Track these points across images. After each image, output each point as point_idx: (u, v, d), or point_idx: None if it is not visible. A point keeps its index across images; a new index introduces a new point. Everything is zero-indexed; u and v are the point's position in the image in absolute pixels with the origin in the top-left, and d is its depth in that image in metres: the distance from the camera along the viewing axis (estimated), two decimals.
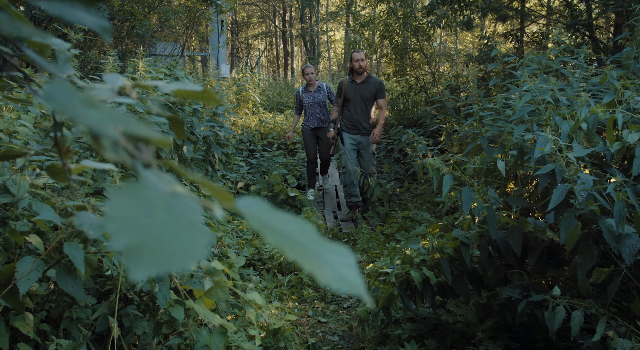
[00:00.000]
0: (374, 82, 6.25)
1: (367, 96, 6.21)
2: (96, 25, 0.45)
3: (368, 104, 6.26)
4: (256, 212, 0.36)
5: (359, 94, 6.20)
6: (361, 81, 6.24)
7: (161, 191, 0.33)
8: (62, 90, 0.34)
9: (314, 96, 6.96)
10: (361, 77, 6.26)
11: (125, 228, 0.28)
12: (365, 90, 6.21)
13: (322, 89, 7.02)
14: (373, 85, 6.22)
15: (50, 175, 0.86)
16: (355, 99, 6.22)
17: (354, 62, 6.20)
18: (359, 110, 6.23)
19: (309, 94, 6.98)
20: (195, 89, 0.67)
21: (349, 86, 6.29)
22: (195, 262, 0.30)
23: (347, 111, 6.33)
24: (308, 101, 6.95)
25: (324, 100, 6.98)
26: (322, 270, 0.35)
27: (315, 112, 6.97)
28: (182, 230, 0.31)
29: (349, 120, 6.30)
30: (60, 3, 0.42)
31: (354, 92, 6.23)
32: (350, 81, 6.31)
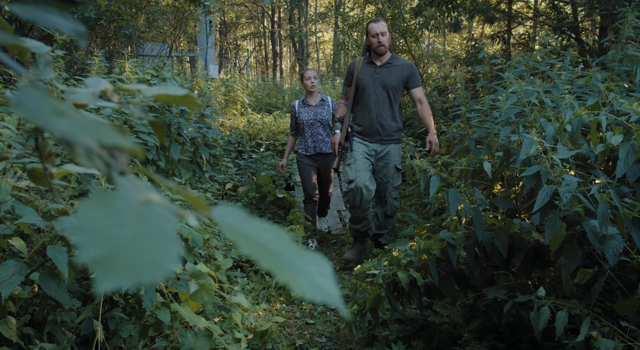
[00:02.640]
0: (402, 64, 4.41)
1: (392, 84, 4.35)
2: (71, 30, 0.44)
3: (393, 96, 4.39)
4: (231, 220, 0.36)
5: (379, 81, 4.35)
6: (382, 63, 4.38)
7: (134, 200, 0.33)
8: (33, 97, 0.34)
9: (315, 112, 5.38)
10: (382, 58, 4.41)
11: (94, 239, 0.28)
12: (388, 77, 4.35)
13: (326, 103, 5.45)
14: (401, 69, 4.38)
15: (32, 179, 0.85)
16: (373, 89, 4.36)
17: (371, 37, 4.33)
18: (379, 106, 4.36)
19: (308, 108, 5.41)
20: (177, 93, 0.67)
21: (364, 70, 4.42)
22: (165, 274, 0.29)
23: (361, 107, 4.44)
24: (307, 118, 5.36)
25: (328, 118, 5.39)
26: (297, 279, 0.35)
27: (317, 133, 5.39)
28: (154, 241, 0.30)
29: (362, 120, 4.44)
30: (34, 8, 0.42)
31: (371, 78, 4.36)
32: (366, 63, 4.45)
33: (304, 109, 5.45)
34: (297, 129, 5.58)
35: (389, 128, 4.42)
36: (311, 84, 5.39)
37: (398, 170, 4.48)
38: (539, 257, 2.86)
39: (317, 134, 5.40)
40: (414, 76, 4.46)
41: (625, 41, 3.64)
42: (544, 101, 2.63)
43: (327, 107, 5.44)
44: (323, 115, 5.39)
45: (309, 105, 5.45)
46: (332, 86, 16.82)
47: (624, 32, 3.59)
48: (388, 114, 4.40)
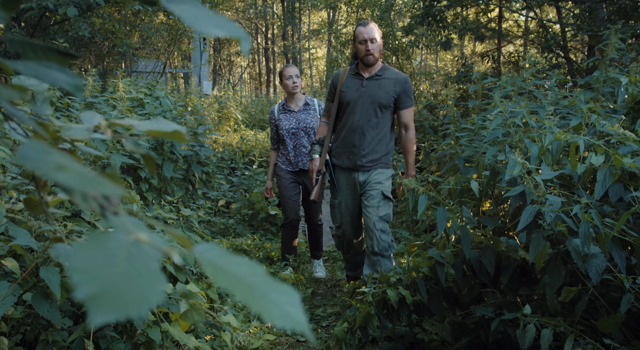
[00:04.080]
0: (394, 77, 3.64)
1: (381, 100, 3.59)
2: (69, 84, 0.49)
3: (382, 114, 3.62)
4: (210, 257, 0.40)
5: (365, 96, 3.60)
6: (371, 75, 3.64)
7: (124, 241, 0.37)
8: (36, 150, 0.39)
9: (298, 119, 4.46)
10: (371, 69, 3.66)
11: (88, 278, 0.32)
12: (377, 91, 3.59)
13: (311, 107, 4.56)
14: (393, 83, 3.61)
15: (28, 207, 0.89)
16: (358, 105, 3.61)
17: (358, 43, 3.58)
18: (365, 126, 3.61)
19: (289, 115, 4.48)
20: (167, 129, 0.71)
21: (348, 82, 3.69)
22: (152, 307, 0.34)
23: (343, 126, 3.70)
24: (288, 126, 4.45)
25: (314, 125, 4.50)
26: (269, 309, 0.39)
27: (300, 145, 4.47)
28: (141, 278, 0.35)
29: (344, 142, 3.69)
30: (36, 64, 0.47)
31: (356, 92, 3.62)
32: (352, 74, 3.72)
33: (284, 115, 4.50)
34: (279, 142, 4.64)
35: (375, 152, 3.66)
36: (292, 84, 4.42)
37: (385, 197, 3.68)
38: (526, 275, 2.91)
39: (300, 146, 4.47)
40: (407, 94, 3.65)
41: (609, 63, 3.73)
42: (528, 122, 2.70)
43: (312, 112, 4.54)
44: (308, 122, 4.47)
45: (290, 111, 4.50)
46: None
47: (608, 54, 3.68)
48: (375, 135, 3.64)
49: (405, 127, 3.75)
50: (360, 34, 3.60)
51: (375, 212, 3.64)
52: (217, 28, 0.46)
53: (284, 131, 4.47)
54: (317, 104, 4.62)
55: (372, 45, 3.57)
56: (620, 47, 3.85)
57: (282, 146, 4.59)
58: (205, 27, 0.45)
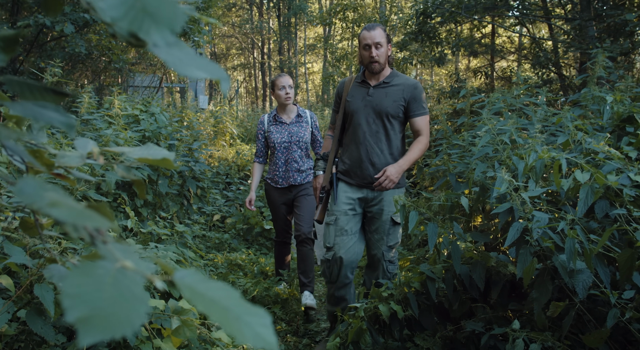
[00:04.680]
0: (403, 83, 3.33)
1: (389, 110, 3.28)
2: (63, 123, 0.53)
3: (390, 125, 3.32)
4: (189, 282, 0.44)
5: (371, 106, 3.30)
6: (377, 83, 3.34)
7: (110, 268, 0.41)
8: (32, 186, 0.43)
9: (290, 132, 4.21)
10: (379, 76, 3.36)
11: (78, 303, 0.37)
12: (384, 100, 3.29)
13: (303, 120, 4.29)
14: (402, 89, 3.31)
15: (23, 229, 0.93)
16: (364, 116, 3.31)
17: (362, 49, 3.28)
18: (372, 138, 3.31)
19: (281, 127, 4.23)
20: (156, 157, 0.76)
21: (354, 91, 3.40)
22: (135, 329, 0.38)
23: (349, 139, 3.40)
24: (280, 139, 4.19)
25: (306, 139, 4.25)
26: (242, 330, 0.43)
27: (292, 160, 4.22)
28: (126, 302, 0.39)
29: (350, 157, 3.38)
30: (33, 105, 0.51)
31: (362, 102, 3.32)
32: (357, 82, 3.42)
33: (275, 127, 4.23)
34: (265, 154, 4.38)
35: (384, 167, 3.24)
36: (285, 94, 4.17)
37: (395, 224, 3.38)
38: (516, 290, 2.95)
39: (291, 160, 4.21)
40: (417, 100, 3.30)
41: (597, 80, 3.80)
42: (516, 140, 2.76)
43: (305, 125, 4.26)
44: (300, 135, 4.19)
45: (282, 123, 4.23)
46: (321, 116, 16.99)
47: (595, 73, 3.76)
48: (383, 148, 3.31)
49: (418, 133, 3.33)
50: (364, 39, 3.25)
51: (384, 240, 3.37)
52: (199, 70, 0.50)
53: (276, 145, 4.19)
54: (310, 116, 4.36)
55: (377, 51, 3.23)
56: (607, 65, 3.93)
57: (270, 160, 4.32)
58: (188, 69, 0.49)
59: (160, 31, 0.41)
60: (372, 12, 11.90)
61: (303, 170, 4.26)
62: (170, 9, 0.41)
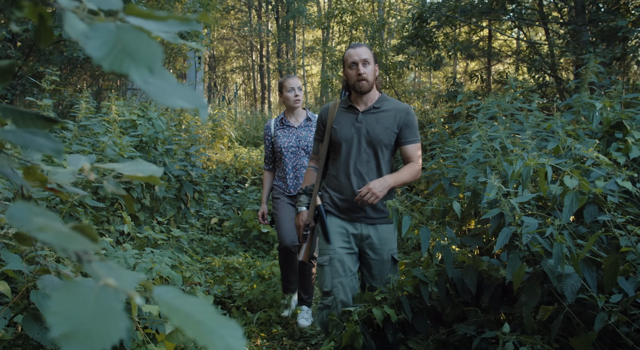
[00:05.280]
0: (394, 108, 3.06)
1: (381, 138, 3.01)
2: (52, 150, 0.57)
3: (382, 154, 3.04)
4: (166, 298, 0.48)
5: (362, 134, 3.01)
6: (367, 108, 3.05)
7: (93, 286, 0.45)
8: (22, 211, 0.47)
9: (298, 136, 3.97)
10: (367, 100, 3.07)
11: (61, 320, 0.40)
12: (375, 127, 3.01)
13: (312, 123, 4.05)
14: (393, 115, 3.03)
15: (18, 240, 0.97)
16: (354, 145, 3.02)
17: (348, 68, 3.00)
18: (363, 169, 3.03)
19: (289, 131, 3.98)
20: (144, 174, 0.80)
21: (340, 118, 3.09)
22: (114, 343, 0.42)
23: (337, 171, 3.09)
24: (287, 143, 3.94)
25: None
26: (214, 342, 0.47)
27: (300, 166, 3.97)
28: (106, 319, 0.43)
29: (339, 190, 3.08)
30: (24, 133, 0.55)
31: (350, 129, 3.03)
32: (343, 107, 3.13)
33: (282, 131, 3.98)
34: (274, 160, 4.12)
35: (379, 201, 2.99)
36: (294, 97, 3.94)
37: (396, 262, 3.17)
38: (507, 293, 2.99)
39: (300, 166, 3.94)
40: (410, 127, 3.04)
41: (589, 86, 3.85)
42: (506, 146, 2.80)
43: (314, 130, 3.99)
44: (309, 140, 3.94)
45: (289, 126, 3.99)
46: None
47: (587, 78, 3.80)
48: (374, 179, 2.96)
49: (410, 160, 3.09)
50: (350, 57, 2.98)
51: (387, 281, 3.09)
52: (180, 99, 0.54)
53: (283, 149, 3.93)
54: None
55: (365, 69, 2.95)
56: (599, 70, 3.97)
57: (278, 167, 4.05)
58: (169, 100, 0.53)
59: (139, 70, 0.45)
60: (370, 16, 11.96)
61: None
62: (148, 49, 0.45)
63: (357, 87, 2.99)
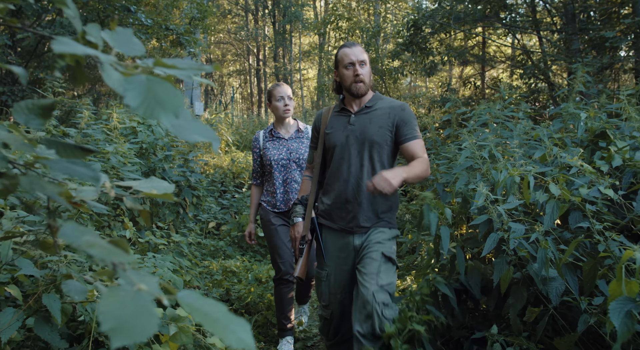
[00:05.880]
0: (388, 106, 2.86)
1: (375, 138, 2.80)
2: (90, 177, 0.68)
3: (378, 156, 2.82)
4: (189, 300, 0.59)
5: (354, 136, 2.83)
6: (359, 109, 2.88)
7: (130, 290, 0.56)
8: (72, 229, 0.57)
9: (288, 148, 3.73)
10: (360, 101, 2.90)
11: (108, 317, 0.51)
12: (368, 127, 2.82)
13: (304, 135, 3.82)
14: (387, 113, 2.83)
15: (42, 248, 1.08)
16: (347, 149, 2.84)
17: (343, 68, 2.81)
18: (358, 173, 2.82)
19: (278, 143, 3.75)
20: (159, 192, 0.91)
21: (333, 122, 2.94)
22: (149, 336, 0.52)
23: (332, 177, 2.91)
24: (277, 156, 3.70)
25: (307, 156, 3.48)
26: (228, 335, 0.58)
27: (291, 180, 3.71)
28: (142, 316, 0.53)
29: (333, 197, 2.89)
30: (67, 163, 0.66)
31: (343, 132, 2.86)
32: (336, 111, 2.97)
33: (272, 143, 3.74)
34: (262, 175, 3.87)
35: (374, 208, 2.82)
36: (284, 106, 3.68)
37: (388, 259, 2.78)
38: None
39: (291, 180, 3.69)
40: (407, 123, 2.81)
41: (576, 95, 3.97)
42: (495, 155, 2.91)
43: (305, 141, 3.79)
44: (301, 152, 3.71)
45: (279, 138, 3.74)
46: None
47: (575, 87, 3.93)
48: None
49: (415, 156, 2.75)
50: (346, 56, 2.80)
51: (374, 280, 2.67)
52: (197, 134, 0.65)
53: (272, 162, 3.67)
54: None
55: (362, 70, 2.78)
56: (587, 80, 4.10)
57: (267, 181, 3.78)
58: (189, 135, 0.64)
59: (167, 116, 0.55)
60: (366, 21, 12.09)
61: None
62: (173, 98, 0.56)
63: (353, 89, 2.82)
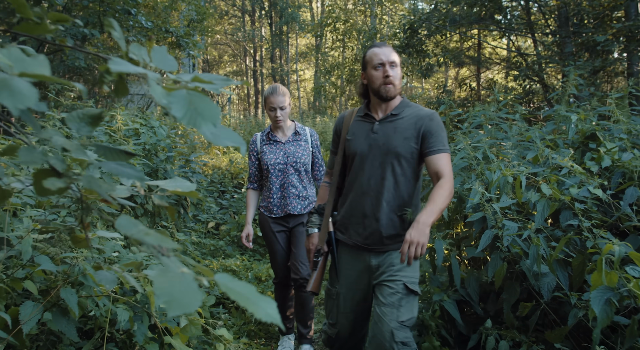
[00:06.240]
0: (415, 114, 2.60)
1: (400, 149, 2.54)
2: (135, 177, 0.78)
3: (401, 169, 2.56)
4: (224, 281, 0.70)
5: (377, 146, 2.59)
6: (385, 116, 2.63)
7: (177, 272, 0.66)
8: (126, 221, 0.67)
9: (285, 151, 3.62)
10: (386, 107, 2.64)
11: (163, 293, 0.61)
12: (393, 137, 2.57)
13: (302, 138, 3.69)
14: (414, 122, 2.57)
15: (74, 242, 1.18)
16: (368, 159, 2.60)
17: (372, 69, 2.57)
18: (379, 187, 2.57)
19: (275, 146, 3.65)
20: (185, 189, 1.01)
21: (355, 128, 2.71)
22: (196, 308, 0.63)
23: (350, 188, 2.69)
24: (274, 160, 3.60)
25: (305, 160, 3.63)
26: (258, 310, 0.68)
27: (289, 185, 3.60)
28: (189, 293, 0.64)
29: (352, 212, 2.67)
30: (115, 165, 0.76)
31: (365, 140, 2.63)
32: (359, 116, 2.73)
33: (269, 146, 3.63)
34: (260, 179, 3.74)
35: (395, 225, 2.57)
36: (276, 117, 3.55)
37: (410, 292, 2.50)
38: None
39: (289, 185, 3.58)
40: (434, 135, 2.53)
41: (568, 97, 4.09)
42: (489, 156, 3.03)
43: (303, 144, 3.65)
44: (298, 155, 3.59)
45: (276, 142, 3.63)
46: (312, 124, 17.16)
47: (567, 90, 4.05)
48: (393, 199, 2.56)
49: (437, 178, 2.46)
50: (375, 56, 2.55)
51: (394, 315, 2.43)
52: (229, 141, 0.75)
53: (270, 166, 3.57)
54: (310, 134, 3.71)
55: (392, 71, 2.52)
56: (579, 82, 4.22)
57: (264, 186, 3.68)
58: (223, 141, 0.74)
59: (207, 125, 0.65)
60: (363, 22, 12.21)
61: (304, 197, 3.61)
62: (212, 110, 0.66)
63: (382, 91, 2.54)
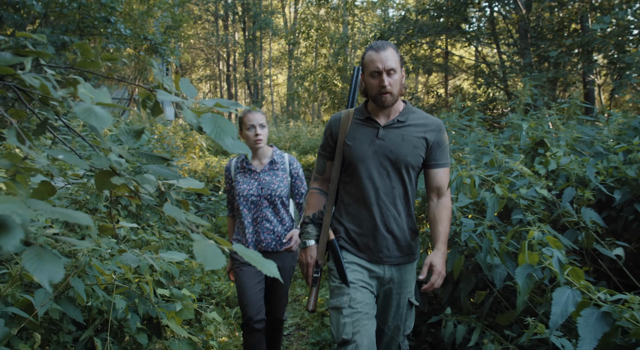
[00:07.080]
0: (423, 123, 2.49)
1: (409, 159, 2.43)
2: (172, 176, 1.05)
3: (408, 180, 2.47)
4: (240, 249, 0.98)
5: (384, 153, 2.43)
6: (391, 121, 2.47)
7: (206, 243, 0.94)
8: (171, 208, 0.95)
9: (260, 182, 3.22)
10: (390, 112, 2.49)
11: (201, 255, 0.89)
12: (401, 145, 2.43)
13: (279, 166, 3.29)
14: (423, 131, 2.46)
15: (101, 232, 1.44)
16: (375, 167, 2.44)
17: (369, 77, 2.40)
18: (388, 197, 2.45)
19: (249, 176, 3.25)
20: (198, 187, 1.29)
21: (356, 132, 2.51)
22: (222, 266, 0.91)
23: (352, 198, 2.51)
24: (247, 191, 3.21)
25: (282, 192, 3.23)
26: (264, 268, 0.97)
27: (262, 219, 3.22)
28: (216, 256, 0.91)
29: (359, 224, 2.49)
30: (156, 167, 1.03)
31: (370, 147, 2.45)
32: (359, 119, 2.53)
33: (242, 175, 3.25)
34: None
35: (405, 236, 2.49)
36: (255, 136, 3.16)
37: (412, 306, 2.59)
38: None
39: (262, 219, 3.20)
40: (442, 147, 2.49)
41: (523, 106, 4.47)
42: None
43: (280, 174, 3.26)
44: (273, 187, 3.21)
45: (251, 171, 3.24)
46: (287, 128, 17.31)
47: (522, 99, 4.42)
48: (401, 210, 2.47)
49: (437, 193, 2.49)
50: (372, 63, 2.36)
51: (401, 330, 2.54)
52: (238, 148, 1.04)
53: (241, 198, 3.19)
54: (289, 162, 3.31)
55: (390, 79, 2.36)
56: (534, 92, 4.60)
57: (237, 217, 3.30)
58: (236, 150, 1.02)
59: (228, 139, 0.93)
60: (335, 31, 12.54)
61: (279, 232, 3.22)
62: (231, 127, 0.94)
63: (378, 101, 2.40)
